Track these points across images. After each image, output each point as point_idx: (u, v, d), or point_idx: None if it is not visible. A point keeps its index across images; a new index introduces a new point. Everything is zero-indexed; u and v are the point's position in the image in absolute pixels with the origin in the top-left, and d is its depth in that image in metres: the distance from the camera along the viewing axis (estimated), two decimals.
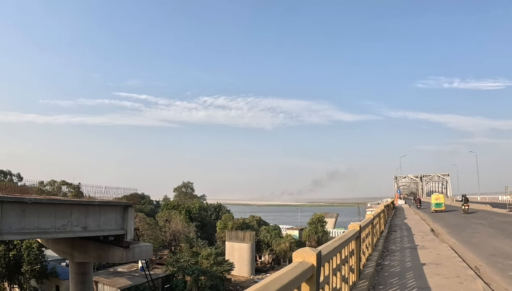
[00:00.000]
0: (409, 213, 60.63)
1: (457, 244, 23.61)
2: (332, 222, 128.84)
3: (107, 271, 70.57)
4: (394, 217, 49.91)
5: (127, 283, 62.53)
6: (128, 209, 46.13)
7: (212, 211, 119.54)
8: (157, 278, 67.08)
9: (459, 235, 28.62)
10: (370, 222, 17.11)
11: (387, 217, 38.38)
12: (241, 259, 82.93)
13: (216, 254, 70.40)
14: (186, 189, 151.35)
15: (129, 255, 45.52)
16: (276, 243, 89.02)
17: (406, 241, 24.75)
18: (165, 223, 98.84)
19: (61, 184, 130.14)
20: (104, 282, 63.50)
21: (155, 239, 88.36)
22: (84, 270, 50.79)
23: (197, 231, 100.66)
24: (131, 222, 46.47)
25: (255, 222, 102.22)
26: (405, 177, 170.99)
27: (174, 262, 68.69)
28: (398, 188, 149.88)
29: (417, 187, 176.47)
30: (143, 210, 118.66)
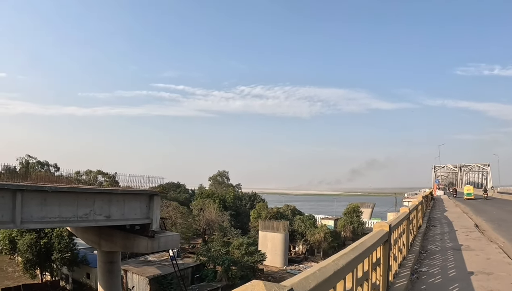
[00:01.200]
0: (449, 204, 56.24)
1: (508, 244, 19.96)
2: (369, 212, 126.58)
3: (137, 260, 69.99)
4: (433, 209, 46.21)
5: (156, 273, 61.84)
6: (153, 197, 44.87)
7: (246, 200, 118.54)
8: (187, 268, 66.51)
9: (508, 232, 24.40)
10: (405, 218, 13.47)
11: (425, 209, 35.44)
12: (274, 249, 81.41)
13: (248, 244, 68.94)
14: (221, 178, 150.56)
15: (155, 245, 44.31)
16: (311, 233, 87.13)
17: (447, 239, 21.10)
18: (199, 211, 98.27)
19: (97, 173, 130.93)
20: (133, 270, 63.19)
21: (187, 228, 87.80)
22: (112, 259, 49.91)
23: (231, 220, 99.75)
24: (157, 211, 45.22)
25: (289, 211, 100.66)
26: (443, 166, 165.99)
27: (205, 251, 67.57)
28: (436, 178, 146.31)
29: (456, 177, 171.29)
30: (178, 199, 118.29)
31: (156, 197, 45.19)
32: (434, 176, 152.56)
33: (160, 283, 59.96)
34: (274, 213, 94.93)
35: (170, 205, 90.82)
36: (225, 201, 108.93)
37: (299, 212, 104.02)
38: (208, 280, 64.27)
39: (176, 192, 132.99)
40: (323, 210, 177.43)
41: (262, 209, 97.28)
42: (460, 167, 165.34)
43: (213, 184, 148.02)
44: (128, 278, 63.06)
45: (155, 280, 59.95)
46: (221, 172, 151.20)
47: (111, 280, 50.32)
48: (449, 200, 68.93)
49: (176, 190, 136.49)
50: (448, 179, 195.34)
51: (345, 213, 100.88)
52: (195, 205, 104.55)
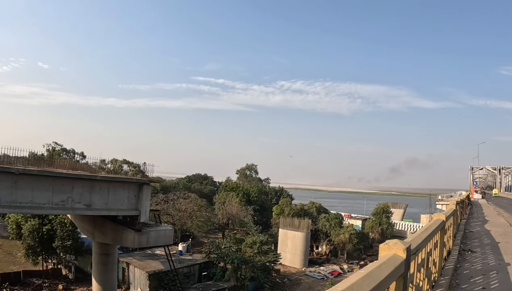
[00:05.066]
0: (489, 212, 46.02)
1: None
2: (401, 213, 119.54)
3: (143, 253, 65.91)
4: (470, 218, 38.26)
5: (159, 268, 57.49)
6: (143, 187, 40.21)
7: (272, 195, 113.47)
8: (194, 264, 62.25)
9: None
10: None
11: (460, 219, 28.41)
12: (294, 248, 76.33)
13: (261, 242, 63.72)
14: (249, 171, 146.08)
15: (142, 240, 39.76)
16: (335, 233, 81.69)
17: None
18: (220, 205, 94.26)
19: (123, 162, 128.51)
20: (135, 264, 59.45)
21: (205, 221, 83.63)
22: (107, 250, 45.92)
23: (254, 215, 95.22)
24: (146, 202, 40.63)
25: (314, 209, 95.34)
26: (482, 168, 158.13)
27: (214, 248, 62.90)
28: (474, 180, 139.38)
29: (495, 180, 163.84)
30: (202, 191, 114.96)
31: (145, 186, 40.53)
32: (472, 178, 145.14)
33: (161, 279, 55.62)
34: (297, 210, 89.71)
35: (189, 196, 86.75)
36: (249, 195, 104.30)
37: (324, 210, 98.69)
38: (215, 279, 59.70)
39: (201, 184, 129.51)
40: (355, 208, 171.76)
41: (285, 205, 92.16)
42: (500, 169, 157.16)
43: (240, 177, 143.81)
44: (130, 271, 59.47)
45: (155, 276, 55.70)
46: (249, 165, 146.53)
47: (105, 273, 46.54)
48: (488, 206, 60.99)
49: (203, 182, 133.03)
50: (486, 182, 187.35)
51: (374, 213, 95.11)
52: (218, 198, 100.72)
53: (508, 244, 19.68)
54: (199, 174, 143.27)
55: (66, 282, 62.91)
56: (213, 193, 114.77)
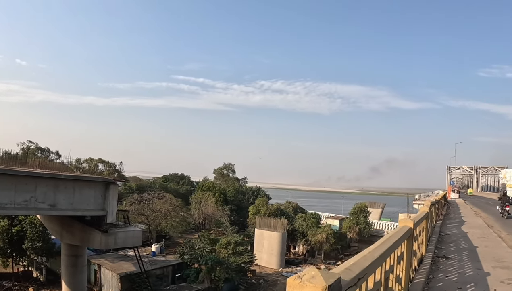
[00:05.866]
0: (467, 212, 44.97)
1: None
2: (378, 212, 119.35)
3: (115, 254, 64.41)
4: (446, 219, 35.73)
5: (131, 269, 56.04)
6: (109, 186, 38.88)
7: (250, 194, 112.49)
8: (167, 266, 60.86)
9: None
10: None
11: (435, 220, 26.44)
12: (271, 248, 75.40)
13: (236, 242, 62.72)
14: (226, 171, 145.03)
15: (110, 241, 38.48)
16: (312, 233, 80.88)
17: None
18: (197, 205, 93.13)
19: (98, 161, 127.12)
20: (107, 266, 57.75)
21: (180, 222, 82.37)
22: (76, 252, 44.66)
23: (231, 215, 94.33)
24: (113, 202, 39.33)
25: (291, 208, 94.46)
26: (459, 168, 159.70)
27: (188, 248, 61.76)
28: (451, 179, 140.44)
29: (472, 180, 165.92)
30: (178, 191, 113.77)
31: (112, 185, 39.20)
32: (449, 177, 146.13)
33: (133, 281, 54.25)
34: (274, 210, 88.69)
35: (164, 197, 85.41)
36: (225, 195, 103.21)
37: (301, 210, 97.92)
38: (189, 281, 58.53)
39: (178, 183, 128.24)
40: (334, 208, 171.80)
41: (262, 205, 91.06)
42: (476, 169, 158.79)
43: (217, 176, 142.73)
44: (102, 273, 57.83)
45: (127, 278, 54.22)
46: (227, 165, 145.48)
47: (74, 275, 45.30)
48: (465, 206, 60.42)
49: (179, 182, 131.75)
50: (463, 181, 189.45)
51: (351, 212, 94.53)
52: (194, 198, 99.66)
53: (487, 248, 18.67)
54: (176, 173, 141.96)
55: (37, 285, 61.05)
56: (189, 193, 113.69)
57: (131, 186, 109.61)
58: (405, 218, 9.31)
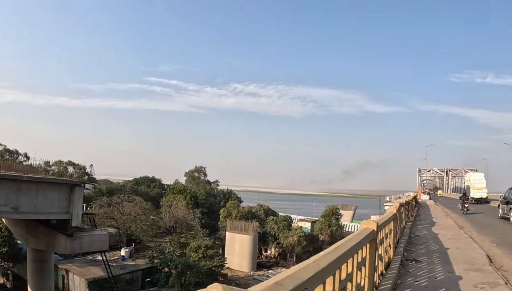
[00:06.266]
0: (437, 213, 45.62)
1: None
2: (350, 214, 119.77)
3: (84, 259, 62.96)
4: (417, 220, 35.65)
5: (99, 275, 54.73)
6: (74, 188, 37.75)
7: (221, 197, 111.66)
8: (137, 270, 59.87)
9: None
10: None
11: (404, 222, 25.60)
12: (242, 252, 74.76)
13: (206, 246, 61.98)
14: (198, 174, 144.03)
15: (75, 245, 37.39)
16: (284, 236, 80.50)
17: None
18: (167, 208, 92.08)
19: (68, 164, 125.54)
20: (75, 271, 56.38)
21: (150, 225, 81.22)
22: (42, 257, 43.29)
23: (202, 218, 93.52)
24: (78, 205, 38.23)
25: (262, 211, 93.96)
26: (429, 170, 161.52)
27: (158, 252, 60.74)
28: (422, 182, 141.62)
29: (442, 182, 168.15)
30: (149, 194, 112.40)
31: (77, 187, 38.08)
32: (420, 179, 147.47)
33: (101, 286, 53.04)
34: (245, 213, 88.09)
35: (134, 200, 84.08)
36: (197, 198, 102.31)
37: (273, 212, 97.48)
38: (159, 285, 57.53)
39: (149, 186, 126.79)
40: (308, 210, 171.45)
41: (233, 208, 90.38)
42: (447, 171, 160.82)
43: (188, 179, 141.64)
44: (70, 279, 56.40)
45: (95, 283, 52.99)
46: (198, 168, 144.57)
47: (41, 281, 43.84)
48: (436, 207, 60.57)
49: (150, 185, 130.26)
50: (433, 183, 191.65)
51: (323, 215, 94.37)
52: (165, 201, 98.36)
53: (458, 250, 17.97)
54: (147, 176, 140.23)
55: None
56: (160, 196, 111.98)
57: (101, 189, 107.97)
58: (367, 220, 8.38)
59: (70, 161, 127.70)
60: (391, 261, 13.18)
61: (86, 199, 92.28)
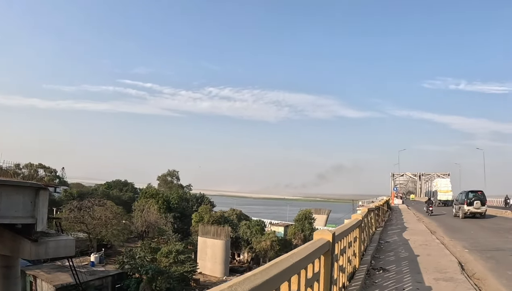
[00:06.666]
0: (409, 218, 45.51)
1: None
2: (324, 218, 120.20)
3: (52, 265, 61.45)
4: (388, 225, 35.00)
5: (68, 281, 53.52)
6: (40, 192, 36.64)
7: (194, 201, 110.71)
8: (106, 276, 58.65)
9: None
10: None
11: (374, 227, 24.93)
12: (214, 257, 74.12)
13: (177, 251, 61.14)
14: (171, 178, 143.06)
15: (40, 251, 36.24)
16: (256, 241, 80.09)
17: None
18: (139, 212, 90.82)
19: (38, 167, 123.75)
20: (43, 277, 55.11)
21: (122, 230, 79.97)
22: (7, 263, 41.74)
23: (174, 223, 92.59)
24: (43, 209, 37.12)
25: (235, 216, 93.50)
26: (402, 174, 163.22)
27: (129, 258, 59.68)
28: (395, 186, 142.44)
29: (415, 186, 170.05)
30: (121, 198, 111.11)
31: (43, 191, 36.95)
32: (393, 184, 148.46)
33: None
34: (217, 217, 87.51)
35: (105, 204, 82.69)
36: (169, 202, 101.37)
37: (245, 217, 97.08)
38: None
39: (121, 190, 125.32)
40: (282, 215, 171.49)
41: (205, 212, 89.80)
42: (420, 175, 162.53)
43: (161, 183, 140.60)
44: (38, 285, 55.15)
45: (63, 290, 51.92)
46: (171, 171, 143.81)
47: (7, 288, 42.22)
48: (408, 211, 60.72)
49: (123, 189, 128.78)
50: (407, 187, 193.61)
51: (296, 219, 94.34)
52: (137, 205, 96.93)
53: (429, 257, 17.15)
54: (119, 180, 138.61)
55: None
56: (132, 200, 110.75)
57: (71, 193, 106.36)
58: (321, 230, 7.09)
59: (41, 164, 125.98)
60: (356, 271, 12.44)
61: (56, 203, 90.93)
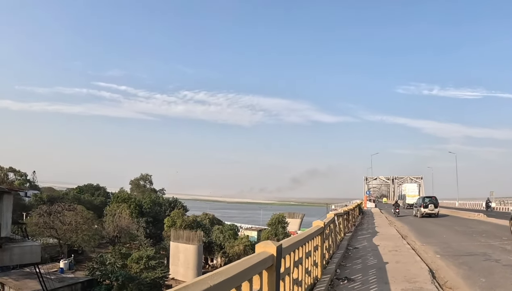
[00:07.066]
0: (381, 222, 44.45)
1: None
2: (298, 222, 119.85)
3: (21, 271, 60.24)
4: (359, 229, 34.59)
5: (37, 288, 52.35)
6: (3, 196, 35.70)
7: (166, 206, 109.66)
8: (76, 283, 57.62)
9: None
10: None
11: (343, 233, 24.10)
12: (187, 262, 73.18)
13: (148, 257, 60.29)
14: (143, 182, 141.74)
15: (5, 257, 35.32)
16: (230, 245, 79.57)
17: None
18: (111, 217, 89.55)
19: (8, 170, 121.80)
20: (11, 284, 54.31)
21: (92, 236, 78.69)
22: None
23: (147, 227, 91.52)
24: (7, 214, 36.17)
25: (207, 220, 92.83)
26: (376, 178, 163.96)
27: (99, 264, 58.67)
28: (368, 189, 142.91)
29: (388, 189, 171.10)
30: (92, 202, 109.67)
31: (6, 195, 36.03)
32: (366, 187, 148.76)
33: None
34: (190, 222, 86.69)
35: (75, 209, 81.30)
36: (141, 207, 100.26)
37: (218, 221, 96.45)
38: None
39: (93, 195, 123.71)
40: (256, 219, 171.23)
41: (177, 217, 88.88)
42: (393, 179, 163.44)
43: (133, 188, 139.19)
44: None
45: None
46: (144, 175, 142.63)
47: None
48: (380, 215, 60.68)
49: (94, 193, 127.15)
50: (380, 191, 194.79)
51: (269, 223, 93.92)
52: (109, 210, 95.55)
53: (398, 264, 15.69)
54: (91, 184, 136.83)
55: None
56: (104, 205, 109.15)
57: (41, 197, 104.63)
58: (264, 242, 5.86)
59: (12, 167, 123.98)
60: (318, 282, 11.51)
61: (26, 207, 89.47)
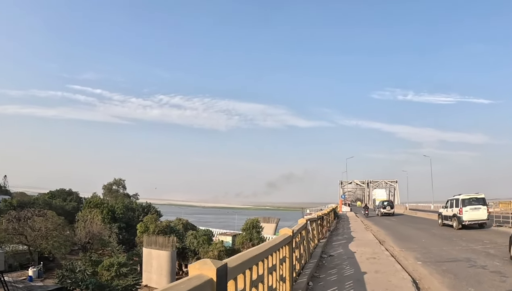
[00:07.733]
0: (356, 226, 44.41)
1: None
2: (273, 227, 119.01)
3: None
4: (334, 234, 33.81)
5: None
6: None
7: (140, 211, 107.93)
8: None
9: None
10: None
11: (317, 240, 22.94)
12: (160, 268, 71.99)
13: (119, 264, 59.03)
14: (117, 187, 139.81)
15: None
16: (204, 251, 78.48)
17: None
18: (83, 223, 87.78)
19: None
20: None
21: (63, 242, 76.98)
22: None
23: (119, 233, 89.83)
24: None
25: (181, 225, 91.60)
26: (351, 182, 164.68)
27: (68, 272, 57.23)
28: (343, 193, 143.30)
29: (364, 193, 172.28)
30: (64, 208, 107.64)
31: None
32: (341, 191, 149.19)
33: None
34: (163, 227, 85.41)
35: (45, 214, 79.46)
36: (114, 212, 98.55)
37: (192, 227, 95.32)
38: None
39: (65, 200, 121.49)
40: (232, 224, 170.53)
41: (150, 222, 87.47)
42: (368, 182, 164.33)
43: (106, 193, 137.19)
44: None
45: None
46: (117, 180, 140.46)
47: None
48: (356, 219, 60.47)
49: (66, 198, 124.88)
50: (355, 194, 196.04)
51: (244, 228, 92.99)
52: (81, 216, 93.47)
53: (378, 274, 14.40)
54: (64, 189, 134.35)
55: None
56: (77, 210, 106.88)
57: (11, 202, 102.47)
58: (203, 261, 4.55)
59: None
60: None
61: None
